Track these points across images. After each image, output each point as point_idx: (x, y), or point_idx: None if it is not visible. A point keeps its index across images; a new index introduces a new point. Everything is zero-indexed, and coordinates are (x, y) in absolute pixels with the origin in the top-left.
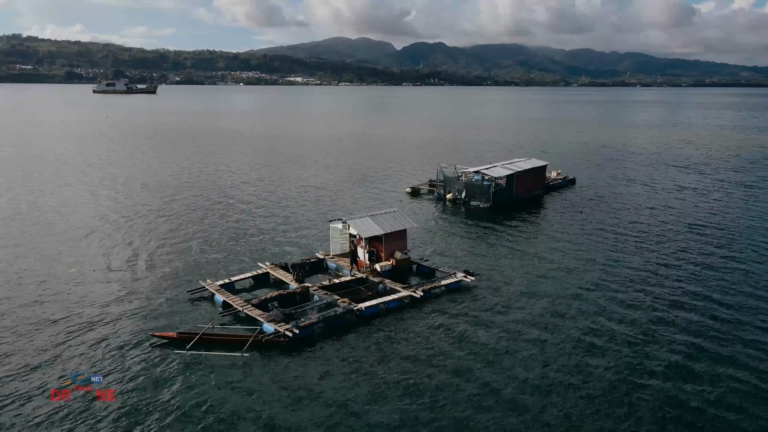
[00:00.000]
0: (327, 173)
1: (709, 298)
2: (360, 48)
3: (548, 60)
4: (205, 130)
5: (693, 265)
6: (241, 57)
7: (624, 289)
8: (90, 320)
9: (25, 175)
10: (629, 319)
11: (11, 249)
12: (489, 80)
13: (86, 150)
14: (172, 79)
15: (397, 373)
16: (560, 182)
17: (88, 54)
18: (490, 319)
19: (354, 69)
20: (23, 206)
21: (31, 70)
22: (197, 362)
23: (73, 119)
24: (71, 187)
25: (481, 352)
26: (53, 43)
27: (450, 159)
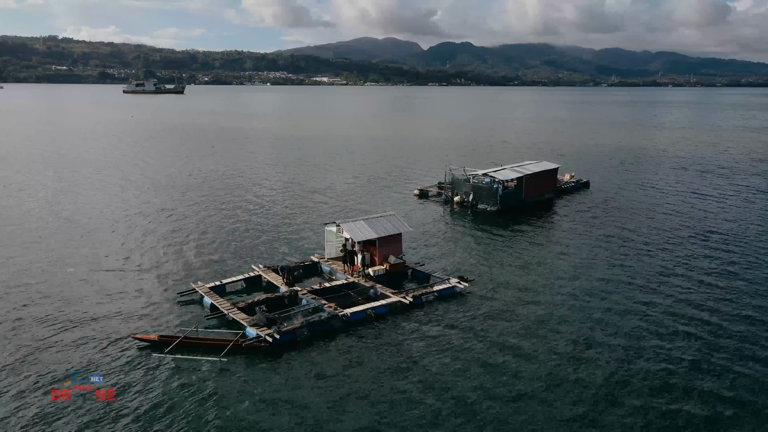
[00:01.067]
0: (335, 174)
1: (716, 312)
2: (386, 48)
3: (577, 60)
4: (223, 130)
5: (702, 277)
6: (269, 57)
7: (625, 301)
8: (80, 319)
9: (37, 172)
10: (625, 333)
11: (9, 249)
12: (516, 80)
13: (102, 149)
14: (201, 80)
15: (370, 383)
16: (573, 185)
17: (121, 55)
18: (478, 327)
19: (380, 69)
20: (24, 204)
21: (66, 70)
22: (174, 366)
23: (98, 119)
24: (76, 186)
25: (457, 365)
26: (87, 45)
27: (463, 160)
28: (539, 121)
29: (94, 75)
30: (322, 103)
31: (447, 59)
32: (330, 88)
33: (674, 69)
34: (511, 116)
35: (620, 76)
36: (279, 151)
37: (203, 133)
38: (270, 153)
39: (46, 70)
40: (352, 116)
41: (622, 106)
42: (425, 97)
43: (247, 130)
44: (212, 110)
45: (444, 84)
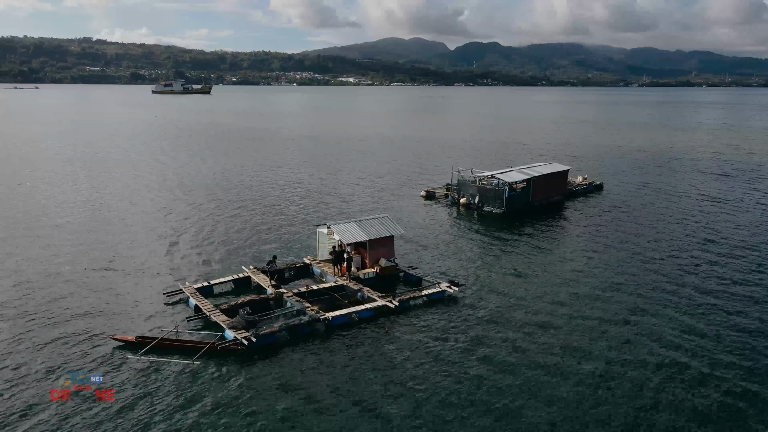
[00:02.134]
0: (343, 175)
1: (717, 325)
2: (413, 48)
3: (607, 59)
4: (240, 130)
5: (714, 293)
6: (295, 57)
7: (623, 312)
8: (64, 320)
9: (49, 172)
10: (616, 345)
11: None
12: (544, 80)
13: (118, 148)
14: (228, 80)
15: (339, 390)
16: (585, 188)
17: (152, 56)
18: (461, 334)
19: (406, 69)
20: (25, 203)
21: (99, 71)
22: (145, 368)
23: (123, 119)
24: (81, 184)
25: (435, 373)
26: (120, 46)
27: (475, 161)
28: (560, 122)
29: (126, 76)
30: (344, 104)
31: (474, 59)
32: (355, 88)
33: (708, 68)
34: (532, 117)
35: (652, 76)
36: (290, 152)
37: (220, 132)
38: (281, 153)
39: (80, 71)
40: (370, 116)
41: (650, 107)
42: (449, 97)
43: (263, 131)
44: (235, 110)
45: (470, 84)
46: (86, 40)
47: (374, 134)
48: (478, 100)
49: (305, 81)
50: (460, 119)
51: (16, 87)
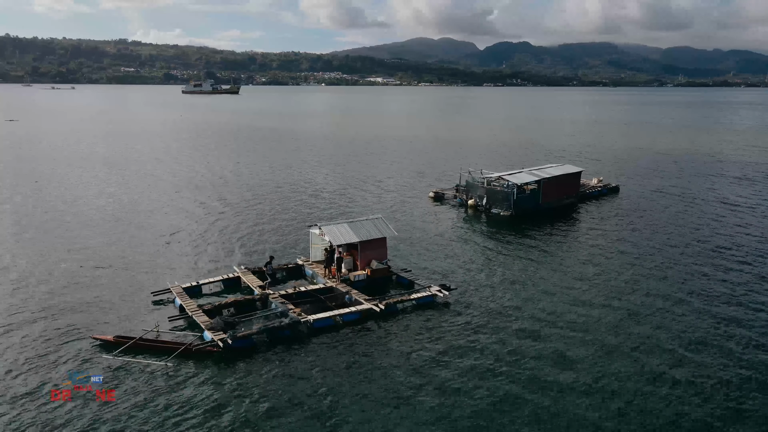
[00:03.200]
0: (354, 175)
1: (726, 338)
2: (442, 48)
3: (641, 59)
4: (260, 130)
5: (728, 301)
6: (324, 58)
7: (626, 323)
8: (49, 316)
9: (65, 170)
10: (608, 372)
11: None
12: (575, 80)
13: (138, 147)
14: (258, 80)
15: (307, 397)
16: (599, 190)
17: (184, 57)
18: (445, 341)
19: (435, 69)
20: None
21: (134, 72)
22: (119, 368)
23: (149, 118)
24: (92, 184)
25: (410, 383)
26: (154, 47)
27: (492, 162)
28: (585, 123)
29: (159, 76)
30: (367, 104)
31: (503, 59)
32: (383, 88)
33: (748, 68)
34: (557, 117)
35: (688, 75)
36: (303, 152)
37: (240, 132)
38: (294, 153)
39: (115, 72)
40: (391, 117)
41: (681, 108)
42: (476, 97)
43: (282, 130)
44: (259, 110)
45: (499, 84)
46: (122, 41)
47: (392, 135)
48: (505, 100)
49: (333, 81)
50: (482, 120)
51: (54, 87)
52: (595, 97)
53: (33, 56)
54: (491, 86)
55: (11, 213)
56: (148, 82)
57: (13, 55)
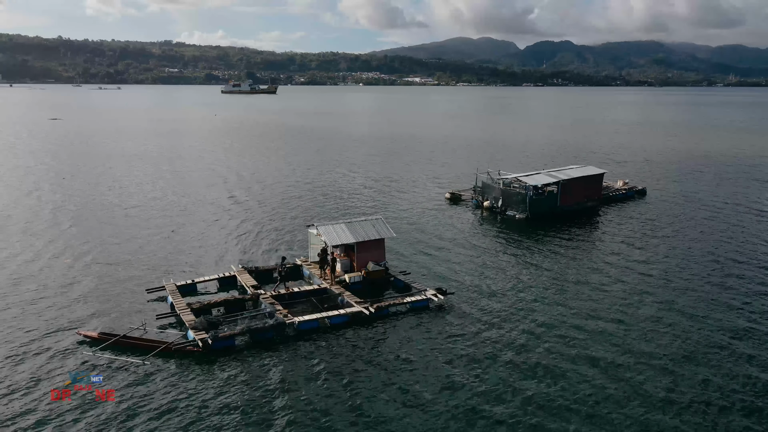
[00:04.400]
0: (372, 175)
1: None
2: (482, 48)
3: (690, 57)
4: (289, 129)
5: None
6: (363, 58)
7: (633, 339)
8: (47, 311)
9: (89, 168)
10: (604, 396)
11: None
12: (619, 80)
13: (165, 145)
14: (297, 80)
15: (281, 403)
16: (624, 193)
17: (226, 57)
18: (432, 348)
19: (474, 69)
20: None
21: (177, 72)
22: (99, 365)
23: (182, 117)
24: (110, 180)
25: (389, 392)
26: (197, 48)
27: (515, 163)
28: (621, 123)
29: (201, 76)
30: (402, 103)
31: (545, 59)
32: (420, 88)
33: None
34: (594, 118)
35: (740, 75)
36: (325, 150)
37: (269, 130)
38: (316, 151)
39: (160, 73)
40: (422, 116)
41: (729, 108)
42: (514, 97)
43: (310, 129)
44: (293, 109)
45: (540, 84)
46: (167, 43)
47: (419, 134)
48: (543, 100)
49: (371, 81)
50: (515, 120)
51: (101, 87)
52: (639, 97)
53: (84, 58)
54: (531, 86)
55: (28, 208)
56: (191, 83)
57: (66, 57)
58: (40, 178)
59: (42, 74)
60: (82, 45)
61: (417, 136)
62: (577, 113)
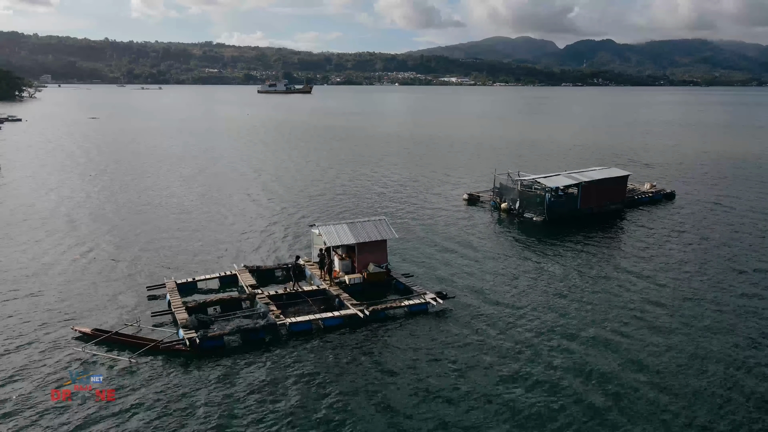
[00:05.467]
0: (392, 175)
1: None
2: (520, 47)
3: (738, 56)
4: (315, 128)
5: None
6: (399, 58)
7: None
8: (45, 307)
9: (115, 167)
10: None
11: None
12: (662, 80)
13: (190, 143)
14: (333, 80)
15: (258, 409)
16: (650, 196)
17: (264, 58)
18: (423, 354)
19: (511, 69)
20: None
21: (217, 73)
22: (86, 361)
23: (216, 116)
24: (128, 179)
25: (371, 402)
26: (236, 49)
27: (540, 164)
28: (655, 124)
29: (240, 77)
30: (435, 103)
31: (585, 58)
32: (456, 88)
33: None
34: (630, 118)
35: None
36: (348, 149)
37: (297, 129)
38: (337, 150)
39: (200, 73)
40: (454, 116)
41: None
42: (550, 97)
43: (336, 128)
44: (326, 109)
45: (579, 84)
46: (207, 44)
47: (447, 134)
48: (580, 100)
49: (407, 81)
50: (548, 120)
51: (143, 87)
52: (681, 97)
53: (128, 59)
54: (570, 86)
55: (50, 204)
56: (230, 83)
57: (112, 58)
58: (67, 176)
59: (89, 75)
60: (126, 46)
61: (442, 136)
62: (612, 113)
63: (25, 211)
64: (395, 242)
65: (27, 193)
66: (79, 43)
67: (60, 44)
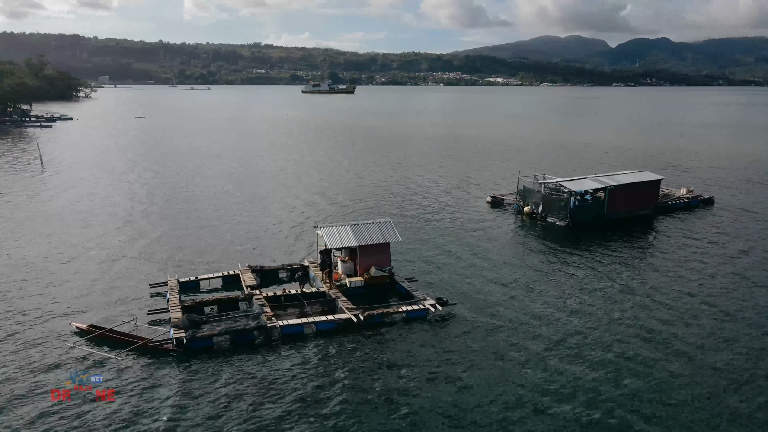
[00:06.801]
0: (416, 174)
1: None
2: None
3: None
4: (350, 127)
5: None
6: (444, 58)
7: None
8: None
9: (147, 165)
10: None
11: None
12: (721, 80)
13: (221, 142)
14: (378, 80)
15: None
16: (686, 202)
17: (310, 58)
18: (412, 364)
19: (559, 69)
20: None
21: (264, 73)
22: (77, 357)
23: (254, 116)
24: (150, 177)
25: (350, 413)
26: (283, 50)
27: (574, 165)
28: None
29: (286, 77)
30: (477, 103)
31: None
32: (501, 88)
33: None
34: (675, 120)
35: None
36: (375, 149)
37: (334, 129)
38: (365, 150)
39: (248, 74)
40: (493, 116)
41: None
42: (598, 98)
43: (371, 128)
44: (366, 109)
45: (630, 84)
46: (255, 45)
47: (477, 135)
48: (627, 101)
49: (452, 81)
50: (589, 122)
51: (192, 88)
52: (738, 97)
53: (180, 60)
54: (621, 86)
55: (82, 200)
56: (277, 83)
57: (165, 60)
58: (100, 172)
59: (143, 76)
60: (179, 48)
61: (474, 137)
62: (658, 115)
63: (54, 204)
64: (408, 244)
65: (58, 187)
66: (135, 45)
67: (117, 46)
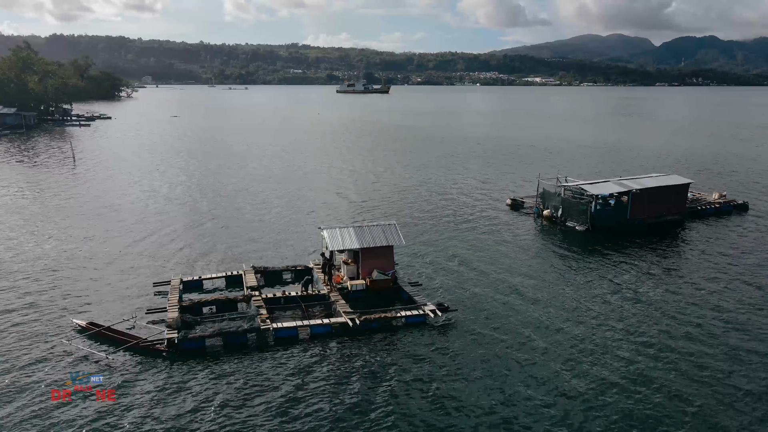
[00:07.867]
0: (438, 176)
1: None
2: (612, 45)
3: None
4: (380, 127)
5: None
6: (481, 58)
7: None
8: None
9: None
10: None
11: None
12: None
13: (252, 141)
14: (414, 80)
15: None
16: (717, 207)
17: (347, 58)
18: (405, 371)
19: (601, 68)
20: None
21: (301, 73)
22: (66, 353)
23: (288, 115)
24: (157, 177)
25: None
26: (320, 50)
27: (600, 168)
28: (742, 127)
29: (323, 77)
30: (510, 103)
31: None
32: (539, 88)
33: None
34: (715, 121)
35: None
36: (400, 149)
37: (359, 128)
38: (390, 150)
39: (285, 74)
40: (525, 116)
41: None
42: (640, 98)
43: (399, 127)
44: (397, 109)
45: (675, 84)
46: (293, 45)
47: (505, 136)
48: (670, 102)
49: (489, 81)
50: (622, 123)
51: (230, 88)
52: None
53: (220, 60)
54: (665, 86)
55: (111, 197)
56: (313, 83)
57: (205, 60)
58: (132, 168)
59: (185, 76)
60: (219, 49)
61: (502, 138)
62: (698, 115)
63: (78, 200)
64: (418, 247)
65: (86, 183)
66: (177, 46)
67: (161, 47)
